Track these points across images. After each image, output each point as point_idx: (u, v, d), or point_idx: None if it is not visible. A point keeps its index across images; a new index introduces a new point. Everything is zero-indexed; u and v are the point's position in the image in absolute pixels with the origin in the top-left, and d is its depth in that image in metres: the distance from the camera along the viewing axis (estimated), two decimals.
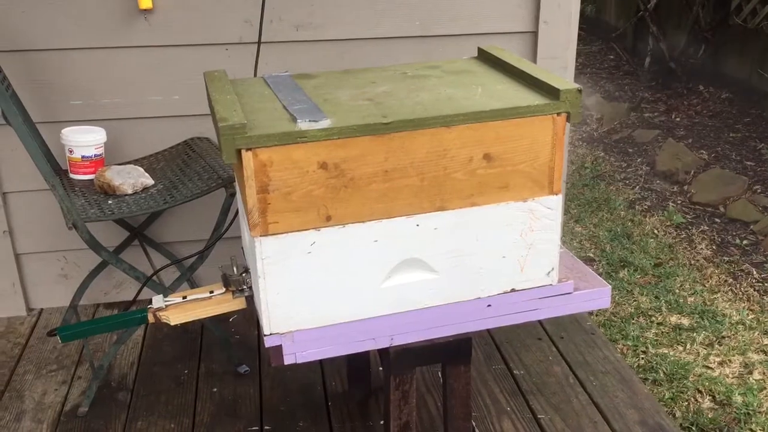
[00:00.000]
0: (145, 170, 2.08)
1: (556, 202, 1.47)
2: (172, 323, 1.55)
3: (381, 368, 2.13)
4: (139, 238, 2.34)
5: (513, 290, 1.51)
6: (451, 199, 1.42)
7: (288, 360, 1.44)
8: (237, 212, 1.91)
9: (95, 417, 1.97)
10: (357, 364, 2.01)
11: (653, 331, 2.73)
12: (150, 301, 1.56)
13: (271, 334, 1.42)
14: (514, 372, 2.14)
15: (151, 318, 1.56)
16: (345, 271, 1.41)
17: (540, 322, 2.34)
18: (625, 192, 3.99)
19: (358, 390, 2.04)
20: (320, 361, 2.09)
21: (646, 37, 5.71)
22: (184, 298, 1.58)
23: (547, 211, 1.47)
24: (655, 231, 3.55)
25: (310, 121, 1.33)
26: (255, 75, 2.02)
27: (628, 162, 4.38)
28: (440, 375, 2.10)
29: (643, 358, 2.58)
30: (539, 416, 1.96)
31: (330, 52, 2.31)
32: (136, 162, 2.21)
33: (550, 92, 1.42)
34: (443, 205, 1.42)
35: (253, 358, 2.22)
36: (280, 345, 1.42)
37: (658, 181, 4.12)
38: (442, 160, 1.39)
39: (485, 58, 1.71)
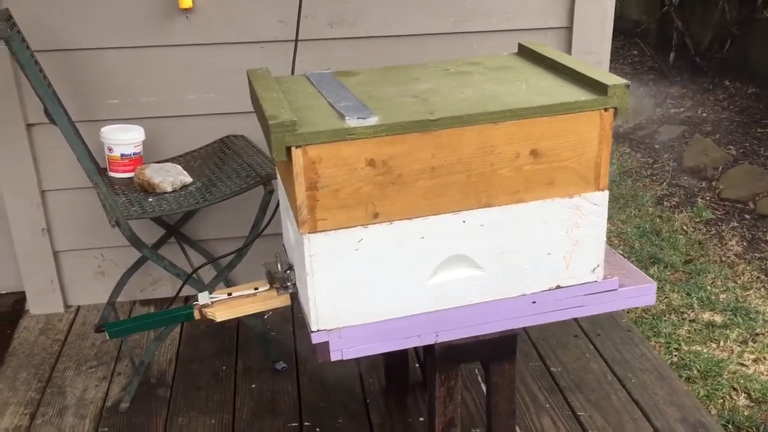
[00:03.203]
0: (182, 168, 2.10)
1: (603, 198, 1.46)
2: (218, 320, 1.56)
3: (417, 365, 2.14)
4: (175, 235, 2.36)
5: (558, 287, 1.51)
6: (497, 196, 1.42)
7: (334, 356, 1.45)
8: (276, 210, 1.93)
9: (136, 412, 1.99)
10: (395, 361, 2.02)
11: (686, 328, 2.72)
12: (187, 299, 1.57)
13: (318, 330, 1.43)
14: (552, 369, 2.13)
15: (197, 314, 1.57)
16: (391, 267, 1.41)
17: (576, 319, 2.33)
18: (653, 188, 3.97)
19: (396, 387, 2.04)
20: (357, 358, 2.10)
21: (670, 32, 5.66)
22: (229, 294, 1.60)
23: (593, 208, 1.47)
24: (685, 227, 3.52)
25: (358, 118, 1.33)
26: (292, 73, 2.02)
27: (655, 158, 4.34)
28: (477, 372, 2.10)
29: (676, 356, 2.56)
30: (579, 413, 1.95)
31: (364, 50, 2.31)
32: (173, 160, 2.23)
33: (597, 87, 1.41)
34: (489, 202, 1.42)
35: (290, 354, 2.23)
36: (327, 341, 1.43)
37: (685, 177, 4.09)
38: (488, 156, 1.39)
39: (526, 53, 1.70)
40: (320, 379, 2.11)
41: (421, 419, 1.95)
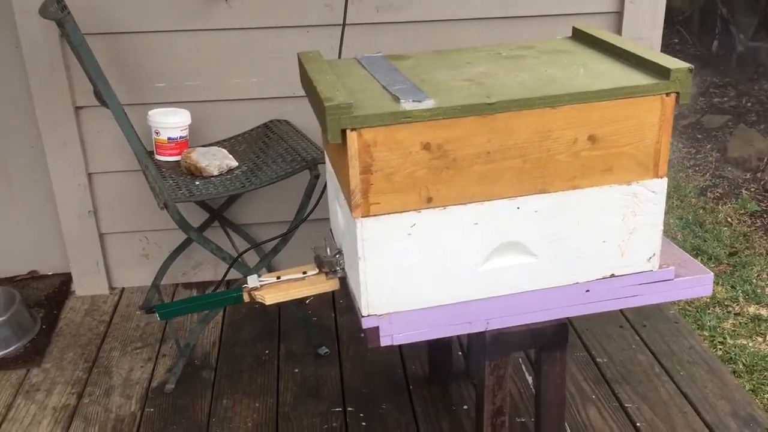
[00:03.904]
0: (228, 152, 2.10)
1: (661, 185, 1.43)
2: (267, 303, 1.56)
3: (460, 353, 2.13)
4: (219, 219, 2.37)
5: (613, 275, 1.48)
6: (553, 182, 1.39)
7: (384, 342, 1.44)
8: (321, 195, 1.92)
9: (182, 394, 2.01)
10: (438, 348, 2.00)
11: (730, 321, 2.66)
12: (228, 283, 1.57)
13: (368, 315, 1.42)
14: (597, 360, 2.10)
15: (246, 297, 1.57)
16: (444, 253, 1.40)
17: (621, 310, 2.29)
18: (696, 179, 3.89)
19: (439, 375, 2.03)
20: (399, 345, 2.09)
21: (713, 19, 5.53)
22: (278, 278, 1.59)
23: (651, 195, 1.43)
24: (729, 219, 3.45)
25: (413, 101, 1.31)
26: (339, 57, 2.00)
27: (698, 148, 4.25)
28: (521, 361, 2.08)
29: (721, 349, 2.51)
30: (626, 405, 1.92)
31: (410, 34, 2.29)
32: (218, 144, 2.23)
33: (659, 72, 1.38)
34: (545, 188, 1.39)
35: (331, 339, 2.23)
36: (377, 326, 1.42)
37: (729, 168, 4.00)
38: (545, 141, 1.36)
39: (581, 37, 1.66)
40: (363, 365, 2.11)
41: (465, 407, 1.94)
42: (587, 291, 1.48)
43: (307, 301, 2.40)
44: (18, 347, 2.21)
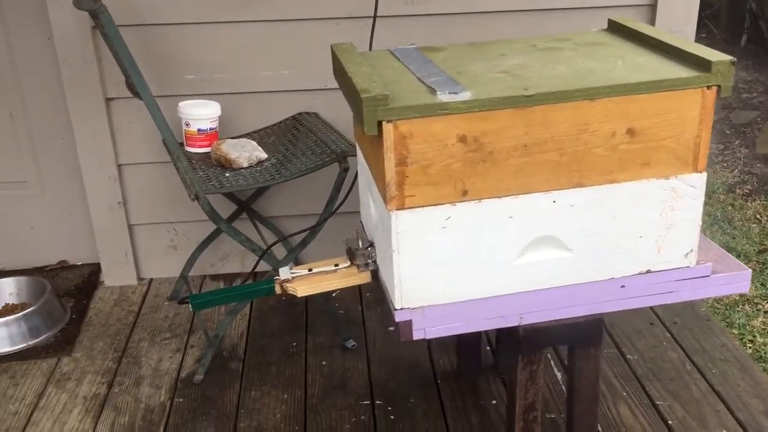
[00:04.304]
0: (257, 144, 2.10)
1: (700, 180, 1.40)
2: (299, 295, 1.56)
3: (489, 347, 2.12)
4: (247, 211, 2.38)
5: (649, 271, 1.46)
6: (589, 176, 1.37)
7: (417, 335, 1.43)
8: (350, 188, 1.91)
9: (210, 385, 2.01)
10: (467, 343, 1.99)
11: (760, 319, 2.62)
12: (256, 275, 1.56)
13: (401, 308, 1.41)
14: (627, 357, 2.08)
15: (277, 289, 1.57)
16: (478, 247, 1.38)
17: (652, 306, 2.27)
18: (724, 175, 3.83)
19: (468, 369, 2.02)
20: (427, 339, 2.08)
21: (742, 14, 5.44)
22: (310, 270, 1.59)
23: (689, 190, 1.41)
24: (758, 216, 3.40)
25: (450, 93, 1.30)
26: (370, 49, 1.99)
27: (726, 144, 4.19)
28: (550, 357, 2.06)
29: (750, 347, 2.48)
30: (657, 402, 1.90)
31: (441, 26, 2.28)
32: (247, 136, 2.23)
33: (700, 64, 1.35)
34: (581, 182, 1.38)
35: (358, 332, 2.23)
36: (410, 320, 1.41)
37: (758, 165, 3.94)
38: (583, 134, 1.34)
39: (617, 29, 1.64)
40: (390, 358, 2.11)
41: (494, 402, 1.93)
42: (623, 287, 1.46)
43: (334, 294, 2.40)
44: (48, 336, 2.23)
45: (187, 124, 2.11)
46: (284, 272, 1.58)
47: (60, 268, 2.57)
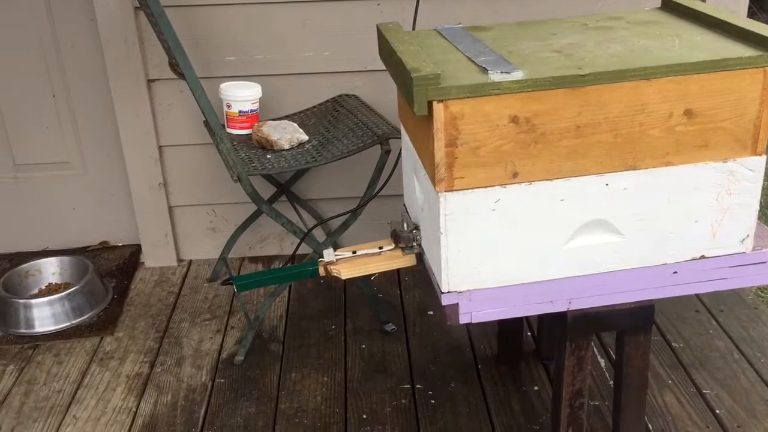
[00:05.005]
0: (297, 126, 2.09)
1: (759, 163, 1.36)
2: (343, 277, 1.55)
3: (530, 333, 2.09)
4: (286, 194, 2.38)
5: (703, 257, 1.42)
6: (644, 158, 1.34)
7: (463, 319, 1.41)
8: (393, 170, 1.89)
9: (251, 366, 2.02)
10: (509, 328, 1.97)
11: None
12: (293, 258, 1.56)
13: (448, 292, 1.39)
14: (673, 345, 2.04)
15: (322, 271, 1.56)
16: (528, 230, 1.36)
17: (698, 294, 2.22)
18: None
19: (509, 354, 2.00)
20: (467, 324, 2.07)
21: None
22: (354, 252, 1.58)
23: (748, 173, 1.37)
24: None
25: (502, 72, 1.27)
26: (413, 29, 1.96)
27: None
28: (592, 343, 2.03)
29: None
30: (704, 391, 1.86)
31: (485, 6, 2.23)
32: (288, 118, 2.22)
33: (761, 43, 1.30)
34: (635, 164, 1.34)
35: (397, 316, 2.22)
36: (457, 303, 1.40)
37: None
38: (638, 115, 1.30)
39: (671, 7, 1.59)
40: (430, 343, 2.09)
41: (536, 388, 1.90)
42: (675, 273, 1.42)
43: (372, 278, 2.39)
44: (92, 315, 2.26)
45: (229, 106, 2.11)
46: (328, 254, 1.57)
47: (101, 249, 2.60)
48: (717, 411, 1.80)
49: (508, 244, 1.36)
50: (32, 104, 2.41)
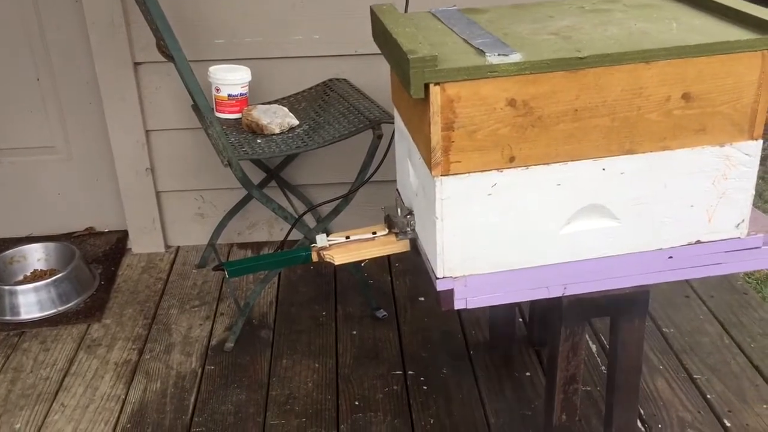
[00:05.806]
0: (288, 110, 2.06)
1: (756, 148, 1.35)
2: (337, 263, 1.53)
3: (521, 319, 2.09)
4: (276, 179, 2.35)
5: (698, 242, 1.42)
6: (641, 142, 1.32)
7: (458, 305, 1.40)
8: (385, 155, 1.88)
9: (241, 353, 2.00)
10: (501, 315, 1.96)
11: None
12: (283, 244, 1.53)
13: (443, 277, 1.38)
14: (663, 330, 2.05)
15: (314, 257, 1.54)
16: (524, 215, 1.35)
17: (688, 279, 2.22)
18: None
19: (501, 340, 2.00)
20: (458, 311, 2.06)
21: None
22: (347, 238, 1.56)
23: (744, 158, 1.36)
24: None
25: (499, 54, 1.25)
26: (405, 11, 1.94)
27: None
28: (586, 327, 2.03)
29: None
30: (695, 376, 1.87)
31: None
32: (277, 102, 2.19)
33: (760, 26, 1.30)
34: (632, 149, 1.33)
35: (388, 303, 2.21)
36: (452, 289, 1.38)
37: None
38: (636, 99, 1.29)
39: None
40: (421, 329, 2.09)
41: (528, 374, 1.90)
42: (670, 257, 1.42)
43: (363, 264, 2.38)
44: (78, 302, 2.22)
45: (218, 90, 2.07)
46: (321, 239, 1.55)
47: (87, 235, 2.56)
48: (708, 396, 1.81)
49: (504, 229, 1.35)
50: (16, 87, 2.36)
